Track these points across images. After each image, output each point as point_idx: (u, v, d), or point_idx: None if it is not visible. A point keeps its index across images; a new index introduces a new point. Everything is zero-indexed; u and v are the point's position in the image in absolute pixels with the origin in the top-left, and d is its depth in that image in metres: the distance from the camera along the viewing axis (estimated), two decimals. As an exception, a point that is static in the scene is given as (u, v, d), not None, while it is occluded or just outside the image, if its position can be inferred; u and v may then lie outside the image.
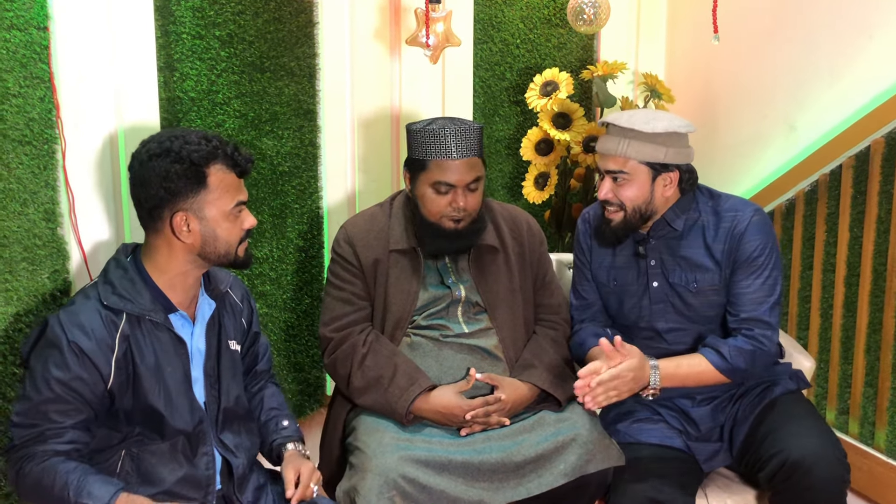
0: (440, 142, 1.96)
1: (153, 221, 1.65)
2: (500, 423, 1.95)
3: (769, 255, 1.98)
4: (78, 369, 1.57)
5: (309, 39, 2.47)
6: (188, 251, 1.66)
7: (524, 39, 2.97)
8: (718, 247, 2.00)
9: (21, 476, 1.58)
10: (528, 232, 2.16)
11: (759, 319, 1.97)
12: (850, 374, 2.49)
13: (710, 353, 1.96)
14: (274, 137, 2.40)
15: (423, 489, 1.81)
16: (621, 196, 1.98)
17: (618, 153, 1.95)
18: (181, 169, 1.60)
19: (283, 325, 2.52)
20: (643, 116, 1.96)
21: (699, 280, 2.02)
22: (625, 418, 2.09)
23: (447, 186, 1.97)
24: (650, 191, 1.97)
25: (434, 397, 1.95)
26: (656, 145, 1.93)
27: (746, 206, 2.03)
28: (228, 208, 1.66)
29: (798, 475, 1.83)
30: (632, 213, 1.99)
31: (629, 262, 2.09)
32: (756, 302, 1.97)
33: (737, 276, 1.99)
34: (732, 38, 2.79)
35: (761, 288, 1.98)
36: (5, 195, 1.74)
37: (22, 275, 1.79)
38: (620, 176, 1.96)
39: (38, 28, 1.77)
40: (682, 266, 2.03)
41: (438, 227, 2.01)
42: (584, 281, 2.17)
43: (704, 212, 2.03)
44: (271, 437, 1.86)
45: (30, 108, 1.77)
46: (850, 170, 2.42)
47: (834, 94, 2.50)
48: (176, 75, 2.12)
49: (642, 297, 2.07)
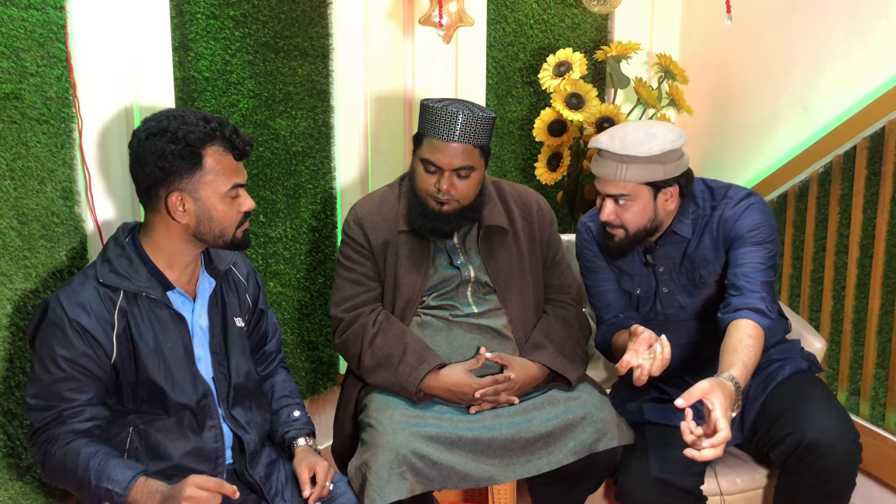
0: (437, 121, 1.94)
1: (149, 200, 1.66)
2: (509, 401, 1.97)
3: (762, 232, 1.95)
4: (83, 346, 1.60)
5: (322, 19, 2.47)
6: (184, 231, 1.67)
7: (538, 19, 2.96)
8: (716, 235, 2.02)
9: (46, 459, 1.61)
10: (537, 212, 2.16)
11: (753, 290, 1.90)
12: (861, 356, 2.49)
13: (751, 315, 1.85)
14: (287, 117, 2.41)
15: (433, 465, 1.83)
16: (624, 218, 1.97)
17: (616, 179, 1.92)
18: (176, 149, 1.61)
19: (296, 305, 2.54)
20: (636, 138, 1.90)
21: (703, 274, 2.04)
22: (634, 398, 2.11)
23: (434, 167, 1.97)
24: (653, 208, 1.97)
25: (444, 375, 1.96)
26: (654, 165, 1.91)
27: (741, 191, 2.04)
28: (224, 190, 1.66)
29: (813, 456, 1.84)
30: (635, 233, 1.99)
31: (641, 270, 2.11)
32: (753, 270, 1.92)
33: (733, 252, 1.96)
34: (747, 18, 2.77)
35: (756, 259, 1.93)
36: (24, 173, 1.77)
37: (40, 252, 1.81)
38: (623, 198, 1.95)
39: (55, 8, 1.79)
40: (688, 267, 2.05)
41: (424, 204, 2.01)
42: (601, 280, 2.17)
43: (705, 209, 2.04)
44: (283, 428, 1.88)
45: (47, 87, 1.79)
46: (865, 151, 2.41)
47: (848, 75, 2.49)
48: (190, 55, 2.14)
49: (654, 302, 2.11)
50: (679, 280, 2.07)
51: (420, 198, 2.02)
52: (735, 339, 1.81)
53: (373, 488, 1.78)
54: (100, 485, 1.55)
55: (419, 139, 2.01)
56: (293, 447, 1.85)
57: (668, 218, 2.02)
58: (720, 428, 1.59)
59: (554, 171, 2.83)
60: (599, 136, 1.97)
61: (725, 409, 1.62)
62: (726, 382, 1.67)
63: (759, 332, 1.83)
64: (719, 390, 1.64)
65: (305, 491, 1.75)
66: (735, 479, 2.04)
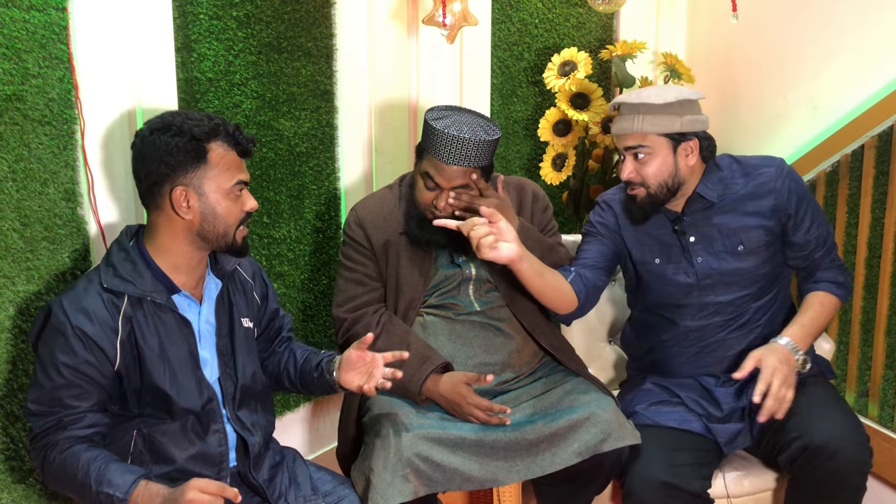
0: (439, 142, 1.92)
1: (153, 198, 1.65)
2: (500, 421, 1.93)
3: (810, 200, 2.05)
4: (84, 353, 1.59)
5: (326, 20, 2.47)
6: (188, 229, 1.66)
7: (542, 19, 2.95)
8: (760, 203, 2.01)
9: (46, 465, 1.61)
10: (532, 199, 2.15)
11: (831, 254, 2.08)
12: (870, 357, 2.47)
13: (831, 287, 2.05)
14: (291, 118, 2.40)
15: (436, 467, 1.82)
16: (644, 174, 1.97)
17: (634, 130, 1.95)
18: (182, 142, 1.61)
19: (300, 306, 2.53)
20: (653, 90, 1.96)
21: (745, 241, 2.01)
22: (643, 401, 2.09)
23: (433, 183, 1.96)
24: (673, 162, 1.96)
25: (444, 381, 1.95)
26: (671, 115, 1.93)
27: (772, 159, 2.06)
28: (228, 186, 1.66)
29: (821, 460, 1.83)
30: (657, 189, 1.98)
31: (671, 239, 2.07)
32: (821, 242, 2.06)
33: (797, 227, 2.03)
34: (753, 16, 2.75)
35: (819, 230, 2.05)
36: (26, 175, 1.76)
37: (43, 254, 1.81)
38: (642, 150, 1.95)
39: (56, 9, 1.78)
40: (723, 233, 2.02)
41: (423, 216, 2.00)
42: (593, 244, 2.12)
43: (733, 177, 2.04)
44: (315, 360, 1.85)
45: (49, 89, 1.79)
46: (873, 150, 2.39)
47: (856, 74, 2.47)
48: (193, 56, 2.13)
49: (689, 274, 2.05)
50: (714, 247, 2.03)
51: (418, 209, 2.01)
52: (805, 305, 2.03)
53: (377, 491, 1.77)
54: (100, 490, 1.54)
55: (421, 152, 1.99)
56: (332, 367, 1.81)
57: (690, 177, 2.00)
58: (773, 386, 1.84)
59: (559, 171, 2.82)
60: (617, 97, 2.02)
61: (775, 368, 1.86)
62: (777, 345, 1.92)
63: (832, 300, 2.04)
64: (769, 354, 1.89)
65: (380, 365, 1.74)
66: (742, 481, 2.02)
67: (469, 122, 1.94)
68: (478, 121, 1.96)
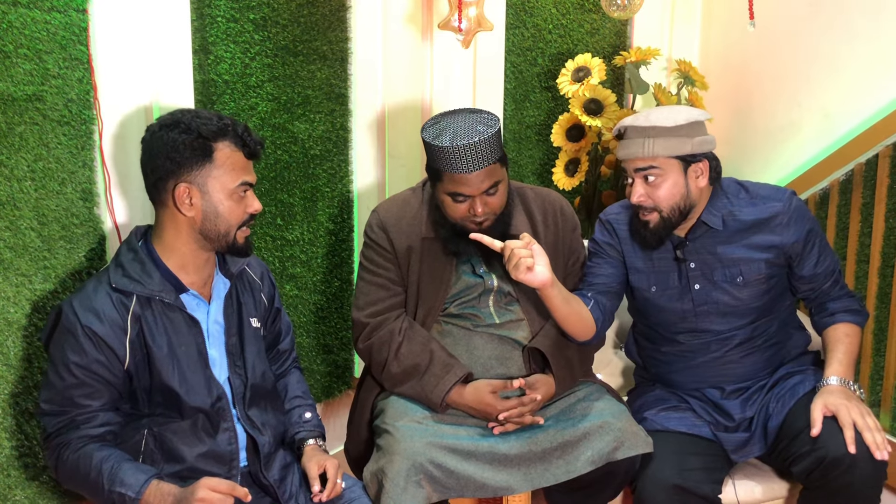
0: (448, 158, 1.86)
1: (158, 194, 1.66)
2: (534, 421, 1.93)
3: (818, 234, 2.03)
4: (95, 353, 1.60)
5: (341, 23, 2.48)
6: (190, 227, 1.66)
7: (557, 24, 2.95)
8: (766, 238, 1.98)
9: (59, 464, 1.62)
10: (561, 217, 2.10)
11: (839, 283, 2.07)
12: (882, 367, 2.46)
13: (849, 316, 2.04)
14: (306, 121, 2.41)
15: (450, 474, 1.82)
16: (656, 197, 1.93)
17: (644, 154, 1.90)
18: (188, 139, 1.62)
19: (312, 308, 2.54)
20: (660, 114, 1.92)
21: (745, 272, 1.99)
22: (652, 406, 2.09)
23: (463, 197, 1.91)
24: (685, 184, 1.93)
25: (469, 392, 1.94)
26: (681, 137, 1.90)
27: (781, 192, 2.01)
28: (232, 186, 1.66)
29: (836, 473, 1.81)
30: (670, 213, 1.94)
31: (669, 267, 2.04)
32: (828, 273, 2.04)
33: (803, 262, 2.02)
34: (768, 24, 2.75)
35: (826, 263, 2.04)
36: (45, 174, 1.77)
37: (60, 253, 1.82)
38: (653, 172, 1.91)
39: (77, 10, 1.80)
40: (724, 262, 1.99)
41: (463, 228, 1.95)
42: (604, 266, 2.10)
43: (739, 205, 2.00)
44: (294, 428, 1.88)
45: (69, 90, 1.80)
46: (887, 159, 2.39)
47: (870, 82, 2.46)
48: (210, 58, 2.14)
49: (684, 301, 2.03)
50: (713, 276, 2.01)
51: (453, 223, 1.95)
52: (832, 339, 2.02)
53: (389, 496, 1.77)
54: (113, 489, 1.55)
55: (435, 173, 1.93)
56: (302, 447, 1.84)
57: (701, 199, 1.97)
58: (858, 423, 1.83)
59: (572, 177, 2.82)
60: (622, 120, 1.98)
61: (846, 406, 1.85)
62: (831, 387, 1.92)
63: (854, 329, 2.03)
64: (831, 397, 1.88)
65: (315, 487, 1.73)
66: (753, 488, 2.01)
67: (464, 124, 1.90)
68: (471, 119, 1.91)
